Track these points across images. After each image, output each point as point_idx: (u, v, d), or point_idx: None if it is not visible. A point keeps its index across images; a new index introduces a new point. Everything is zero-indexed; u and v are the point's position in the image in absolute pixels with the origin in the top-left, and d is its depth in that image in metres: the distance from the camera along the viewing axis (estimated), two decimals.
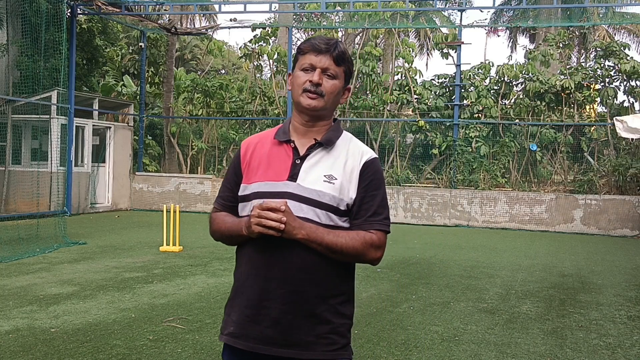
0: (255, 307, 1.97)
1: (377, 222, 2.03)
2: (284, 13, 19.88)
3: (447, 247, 10.99)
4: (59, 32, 13.18)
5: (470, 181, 15.65)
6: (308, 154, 2.03)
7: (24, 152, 14.72)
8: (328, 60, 2.01)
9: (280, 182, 2.00)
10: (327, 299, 1.98)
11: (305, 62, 2.03)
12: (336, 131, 2.09)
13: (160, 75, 19.80)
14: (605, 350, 5.03)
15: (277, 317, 1.95)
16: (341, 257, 1.98)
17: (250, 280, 2.00)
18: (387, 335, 5.25)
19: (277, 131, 2.12)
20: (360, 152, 2.07)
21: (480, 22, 21.02)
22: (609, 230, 14.02)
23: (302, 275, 1.95)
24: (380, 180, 2.08)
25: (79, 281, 7.10)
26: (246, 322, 1.98)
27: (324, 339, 1.97)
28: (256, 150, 2.10)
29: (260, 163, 2.06)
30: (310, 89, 2.00)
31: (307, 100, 2.01)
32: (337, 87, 2.05)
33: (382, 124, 17.13)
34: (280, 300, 1.95)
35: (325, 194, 1.97)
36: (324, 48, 2.01)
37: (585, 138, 15.91)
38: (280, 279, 1.95)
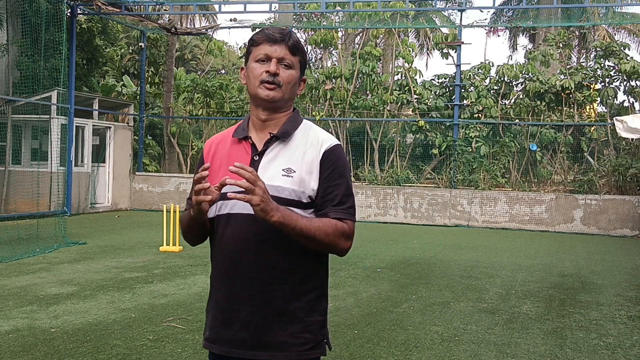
0: (226, 311, 1.95)
1: (342, 211, 1.95)
2: (284, 13, 19.87)
3: (447, 247, 10.98)
4: (59, 32, 13.18)
5: (470, 181, 15.65)
6: (265, 149, 1.97)
7: (24, 152, 14.72)
8: (283, 50, 1.95)
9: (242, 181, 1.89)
10: (298, 297, 1.93)
11: (260, 52, 1.96)
12: (294, 122, 2.02)
13: (160, 75, 19.80)
14: (605, 350, 5.03)
15: (247, 319, 1.91)
16: (313, 244, 1.89)
17: (219, 283, 1.98)
18: (387, 335, 5.25)
19: (236, 129, 2.06)
20: (320, 141, 1.99)
21: (480, 22, 20.99)
22: (609, 230, 14.02)
23: (270, 274, 1.90)
24: (343, 168, 2.00)
25: (79, 281, 7.10)
26: (219, 327, 1.96)
27: (297, 339, 1.92)
28: (218, 150, 2.06)
29: (222, 163, 2.00)
30: (268, 80, 1.93)
31: (265, 92, 1.94)
32: (294, 77, 1.98)
33: (382, 124, 17.13)
34: (249, 301, 1.91)
35: (284, 188, 1.90)
36: (279, 37, 1.95)
37: (585, 138, 15.91)
38: (247, 279, 1.91)
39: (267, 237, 1.89)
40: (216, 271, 2.00)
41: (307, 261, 1.95)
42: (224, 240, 1.96)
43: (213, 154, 2.05)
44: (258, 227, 1.88)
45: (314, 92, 17.75)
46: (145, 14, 16.55)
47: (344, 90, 17.28)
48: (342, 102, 17.32)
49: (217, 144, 2.07)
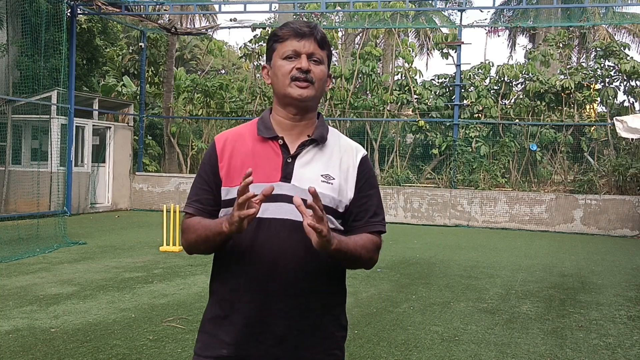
0: (257, 325, 1.78)
1: (379, 223, 1.90)
2: (284, 13, 19.87)
3: (447, 247, 10.98)
4: (59, 32, 13.18)
5: (470, 181, 15.65)
6: (299, 151, 1.83)
7: (24, 152, 14.72)
8: (312, 45, 1.82)
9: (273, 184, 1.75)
10: (330, 309, 1.85)
11: (287, 49, 1.81)
12: (325, 126, 1.91)
13: (160, 75, 19.80)
14: (605, 350, 5.03)
15: (282, 334, 1.77)
16: (354, 264, 1.81)
17: (247, 296, 1.79)
18: (387, 335, 5.25)
19: (257, 127, 1.89)
20: (354, 149, 1.91)
21: (480, 22, 21.00)
22: (609, 230, 14.02)
23: (305, 285, 1.78)
24: (375, 177, 1.95)
25: (79, 281, 7.10)
26: (247, 343, 1.78)
27: (329, 355, 1.83)
28: (236, 148, 1.86)
29: (245, 163, 1.83)
30: (300, 77, 1.79)
31: (298, 90, 1.80)
32: (325, 73, 1.86)
33: (382, 124, 17.13)
34: (284, 314, 1.77)
35: (325, 195, 1.78)
36: (307, 31, 1.81)
37: (585, 138, 15.91)
38: (284, 290, 1.77)
39: (307, 245, 1.71)
40: (244, 281, 1.79)
41: (338, 272, 1.88)
42: (256, 247, 1.77)
43: (231, 151, 1.86)
44: (298, 234, 1.72)
45: None
46: (145, 14, 16.55)
47: (344, 90, 17.29)
48: (342, 102, 17.33)
49: (234, 141, 1.88)
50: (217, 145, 1.88)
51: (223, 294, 1.84)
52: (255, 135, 1.87)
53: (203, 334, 1.87)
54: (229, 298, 1.82)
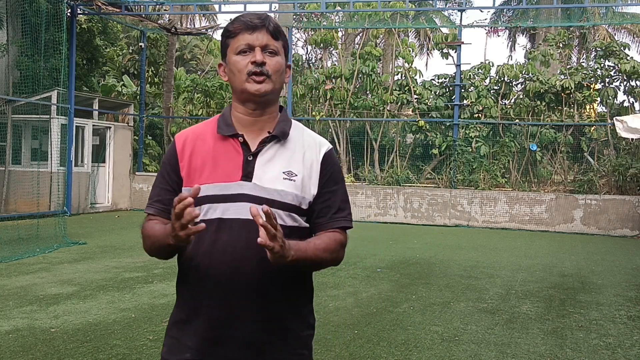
0: (221, 328, 1.73)
1: (343, 219, 1.84)
2: (284, 13, 19.86)
3: (447, 247, 10.98)
4: (59, 32, 13.18)
5: (470, 181, 15.65)
6: (260, 148, 1.78)
7: (24, 152, 14.72)
8: (265, 36, 1.76)
9: (233, 183, 1.74)
10: (296, 310, 1.80)
11: (240, 43, 1.76)
12: (287, 121, 1.85)
13: (160, 75, 19.80)
14: (605, 350, 5.03)
15: (248, 337, 1.73)
16: (318, 267, 1.77)
17: (209, 299, 1.73)
18: (387, 335, 5.25)
19: (217, 124, 1.83)
20: (318, 144, 1.85)
21: (480, 22, 21.00)
22: (609, 230, 14.02)
23: (270, 286, 1.73)
24: (340, 172, 1.88)
25: (79, 281, 7.10)
26: (209, 346, 1.73)
27: (297, 355, 1.80)
28: (196, 146, 1.81)
29: (205, 162, 1.78)
30: (256, 71, 1.74)
31: (255, 86, 1.75)
32: (282, 65, 1.79)
33: (382, 124, 17.13)
34: (251, 318, 1.72)
35: (288, 192, 1.74)
36: (259, 23, 1.75)
37: (585, 138, 15.91)
38: (248, 291, 1.71)
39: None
40: (205, 284, 1.74)
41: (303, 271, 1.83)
42: (217, 249, 1.73)
43: (191, 150, 1.81)
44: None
45: (314, 92, 17.76)
46: (145, 14, 16.55)
47: (344, 90, 17.29)
48: (342, 102, 17.33)
49: (194, 140, 1.83)
50: (177, 144, 1.82)
51: (186, 297, 1.80)
52: (216, 134, 1.82)
53: (169, 337, 1.83)
54: (192, 301, 1.78)
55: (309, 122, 17.69)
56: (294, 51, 20.83)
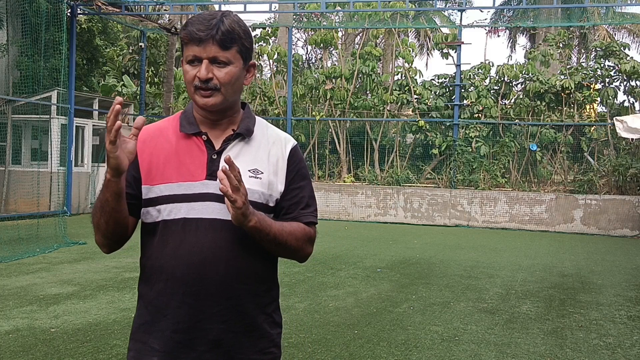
0: (188, 331, 1.69)
1: (310, 214, 1.81)
2: (284, 13, 19.87)
3: (447, 247, 10.98)
4: (59, 32, 13.19)
5: (470, 181, 15.65)
6: (224, 147, 1.74)
7: (24, 152, 14.73)
8: (213, 48, 1.66)
9: (198, 182, 1.70)
10: (264, 308, 1.77)
11: (189, 53, 1.69)
12: (251, 118, 1.81)
13: (160, 75, 19.81)
14: (605, 350, 5.03)
15: (217, 338, 1.69)
16: (281, 250, 1.74)
17: (175, 300, 1.69)
18: (387, 335, 5.25)
19: (180, 122, 1.78)
20: (283, 140, 1.82)
21: (480, 22, 21.04)
22: (609, 230, 14.02)
23: (238, 286, 1.70)
24: (306, 169, 1.85)
25: (79, 281, 7.10)
26: (177, 349, 1.69)
27: (266, 354, 1.77)
28: (158, 144, 1.75)
29: (168, 160, 1.73)
30: (202, 86, 1.68)
31: (202, 100, 1.69)
32: (234, 74, 1.70)
33: (382, 124, 17.13)
34: (219, 318, 1.69)
35: (254, 191, 1.70)
36: (204, 36, 1.65)
37: (585, 138, 15.91)
38: (216, 293, 1.68)
39: (237, 244, 1.69)
40: (171, 285, 1.70)
41: (270, 269, 1.80)
42: (183, 249, 1.68)
43: (152, 148, 1.75)
44: (227, 233, 1.68)
45: (314, 92, 17.77)
46: (145, 14, 16.56)
47: (344, 90, 17.29)
48: (342, 102, 17.33)
49: (156, 137, 1.77)
50: (137, 141, 1.71)
51: (150, 299, 1.75)
52: (178, 131, 1.77)
53: (134, 341, 1.77)
54: (156, 303, 1.73)
55: (309, 122, 17.70)
56: (294, 51, 20.81)
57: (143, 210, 1.77)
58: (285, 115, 17.23)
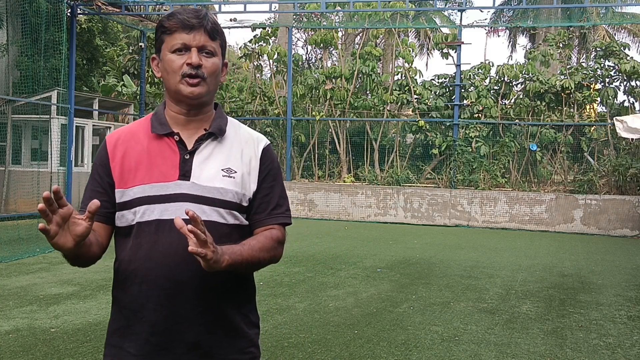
0: (166, 333, 1.67)
1: (281, 215, 1.80)
2: (284, 13, 19.88)
3: (447, 247, 10.98)
4: (59, 32, 13.18)
5: (470, 181, 15.65)
6: (197, 147, 1.73)
7: (24, 152, 14.73)
8: (203, 37, 1.69)
9: (171, 183, 1.69)
10: (240, 309, 1.77)
11: (176, 42, 1.69)
12: (223, 118, 1.81)
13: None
14: (605, 350, 5.03)
15: (195, 340, 1.68)
16: (256, 267, 1.72)
17: (152, 303, 1.67)
18: (387, 335, 5.25)
19: (151, 123, 1.76)
20: (255, 139, 1.82)
21: (480, 22, 21.02)
22: (609, 230, 14.02)
23: (215, 286, 1.69)
24: (278, 168, 1.85)
25: (79, 281, 7.10)
26: (154, 352, 1.67)
27: (246, 354, 1.77)
28: (129, 147, 1.74)
29: (140, 162, 1.71)
30: (191, 73, 1.68)
31: (189, 88, 1.69)
32: (218, 66, 1.74)
33: (382, 124, 17.13)
34: (196, 320, 1.68)
35: (228, 190, 1.71)
36: (196, 23, 1.68)
37: (585, 138, 15.91)
38: (193, 295, 1.67)
39: None
40: (146, 287, 1.68)
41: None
42: (157, 251, 1.67)
43: (124, 151, 1.74)
44: None
45: (314, 92, 17.77)
46: (145, 14, 16.55)
47: (344, 90, 17.29)
48: (342, 102, 17.33)
49: (126, 140, 1.75)
50: (108, 145, 1.75)
51: (124, 302, 1.73)
52: (149, 133, 1.75)
53: (110, 347, 1.74)
54: (131, 306, 1.70)
55: (309, 122, 17.70)
56: (294, 51, 20.81)
57: (118, 214, 1.75)
58: (285, 115, 17.23)
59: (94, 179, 1.78)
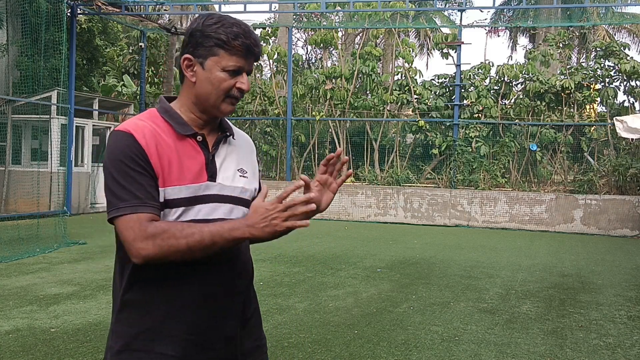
0: (206, 331, 1.70)
1: None
2: (284, 13, 19.88)
3: (447, 247, 10.98)
4: (59, 32, 13.18)
5: (470, 181, 15.65)
6: (216, 148, 1.77)
7: (24, 152, 14.73)
8: (252, 62, 1.75)
9: (202, 184, 1.70)
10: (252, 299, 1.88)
11: (233, 64, 1.69)
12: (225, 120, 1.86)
13: (160, 75, 19.80)
14: (605, 350, 5.03)
15: (231, 334, 1.75)
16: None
17: (192, 303, 1.68)
18: (387, 335, 5.25)
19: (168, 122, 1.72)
20: (249, 140, 1.92)
21: (480, 22, 21.03)
22: (609, 230, 14.02)
23: (242, 282, 1.79)
24: None
25: (79, 281, 7.10)
26: (194, 351, 1.69)
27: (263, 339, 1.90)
28: (159, 144, 1.67)
29: (171, 162, 1.68)
30: (238, 96, 1.73)
31: (229, 107, 1.73)
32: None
33: (382, 124, 17.13)
34: (232, 315, 1.75)
35: (247, 189, 1.79)
36: (258, 52, 1.73)
37: (585, 138, 15.91)
38: (230, 291, 1.74)
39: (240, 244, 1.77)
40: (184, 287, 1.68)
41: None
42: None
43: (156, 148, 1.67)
44: None
45: (314, 92, 17.77)
46: (145, 14, 16.56)
47: (344, 90, 17.29)
48: (342, 102, 17.33)
49: (153, 137, 1.67)
50: (139, 139, 1.64)
51: (154, 304, 1.67)
52: (171, 131, 1.71)
53: (130, 352, 1.67)
54: (164, 308, 1.67)
55: (309, 122, 17.70)
56: (294, 51, 20.82)
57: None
58: (285, 115, 17.23)
59: (139, 172, 1.63)
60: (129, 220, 1.61)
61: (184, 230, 1.59)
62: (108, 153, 1.65)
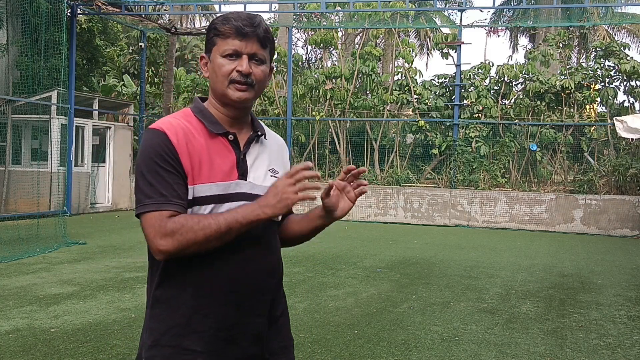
0: (232, 328, 1.72)
1: None
2: (284, 13, 19.88)
3: (447, 247, 10.98)
4: (59, 32, 13.18)
5: (470, 181, 15.65)
6: (247, 147, 1.79)
7: (24, 152, 14.73)
8: (255, 45, 1.73)
9: (232, 182, 1.73)
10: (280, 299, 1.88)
11: (228, 47, 1.71)
12: (257, 120, 1.88)
13: (160, 75, 19.79)
14: (605, 350, 5.03)
15: (258, 332, 1.76)
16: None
17: (218, 299, 1.70)
18: (387, 335, 5.25)
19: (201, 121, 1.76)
20: (281, 140, 1.96)
21: (480, 22, 21.03)
22: (609, 230, 14.02)
23: (271, 280, 1.81)
24: None
25: (79, 281, 7.10)
26: (223, 348, 1.71)
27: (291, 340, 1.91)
28: (189, 142, 1.70)
29: (202, 159, 1.70)
30: (240, 80, 1.72)
31: (237, 93, 1.73)
32: (267, 73, 1.79)
33: (382, 124, 17.12)
34: (259, 312, 1.76)
35: None
36: (250, 31, 1.71)
37: (585, 138, 15.91)
38: (255, 290, 1.75)
39: (272, 238, 1.81)
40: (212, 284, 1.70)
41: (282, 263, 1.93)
42: (226, 249, 1.69)
43: (187, 146, 1.70)
44: (264, 228, 1.76)
45: (314, 92, 17.77)
46: (145, 14, 16.55)
47: (344, 90, 17.29)
48: (342, 102, 17.33)
49: (185, 135, 1.71)
50: (171, 137, 1.67)
51: (183, 300, 1.70)
52: (203, 130, 1.75)
53: (159, 347, 1.70)
54: (192, 304, 1.69)
55: (309, 122, 17.70)
56: (294, 51, 20.82)
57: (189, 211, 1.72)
58: (285, 115, 17.22)
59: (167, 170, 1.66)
60: (151, 217, 1.65)
61: (200, 222, 1.63)
62: (141, 150, 1.71)
